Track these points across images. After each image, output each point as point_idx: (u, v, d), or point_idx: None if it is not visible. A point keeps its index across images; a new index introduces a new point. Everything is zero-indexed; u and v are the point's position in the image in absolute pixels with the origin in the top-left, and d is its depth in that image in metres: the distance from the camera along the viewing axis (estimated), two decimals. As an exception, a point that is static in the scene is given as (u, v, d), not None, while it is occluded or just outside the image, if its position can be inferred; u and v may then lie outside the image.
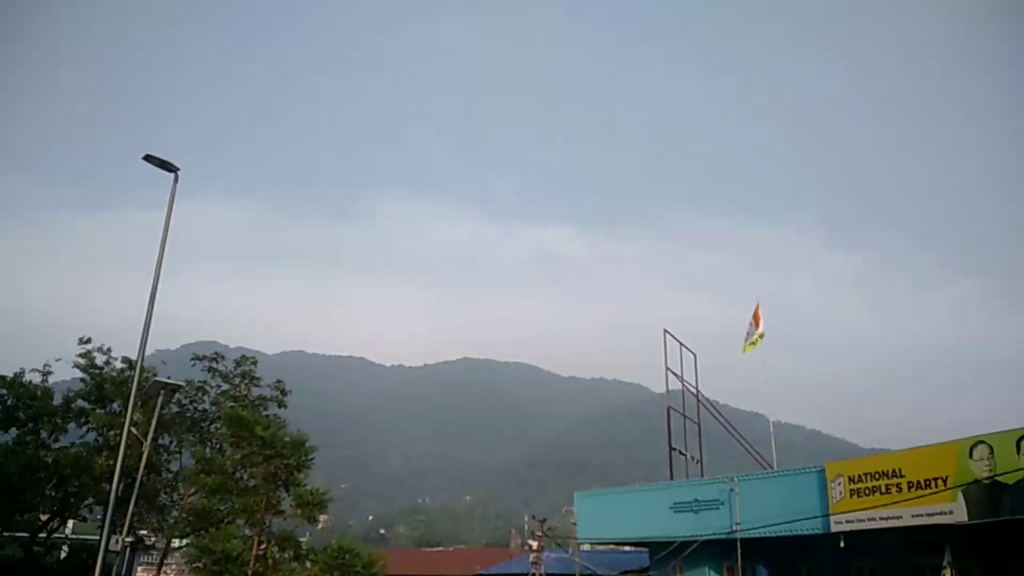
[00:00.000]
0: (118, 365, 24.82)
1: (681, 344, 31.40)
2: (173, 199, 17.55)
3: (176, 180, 17.63)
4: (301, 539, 19.75)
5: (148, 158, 17.09)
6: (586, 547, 31.53)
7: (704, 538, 23.95)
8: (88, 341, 24.67)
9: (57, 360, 24.31)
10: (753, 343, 30.37)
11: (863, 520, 20.10)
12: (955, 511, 18.26)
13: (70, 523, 29.82)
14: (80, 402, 23.28)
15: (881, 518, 19.70)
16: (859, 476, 20.45)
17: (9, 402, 22.10)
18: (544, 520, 30.02)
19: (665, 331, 31.13)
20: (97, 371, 24.09)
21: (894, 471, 19.74)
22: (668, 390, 30.36)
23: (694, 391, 31.19)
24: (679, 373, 30.62)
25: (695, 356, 32.19)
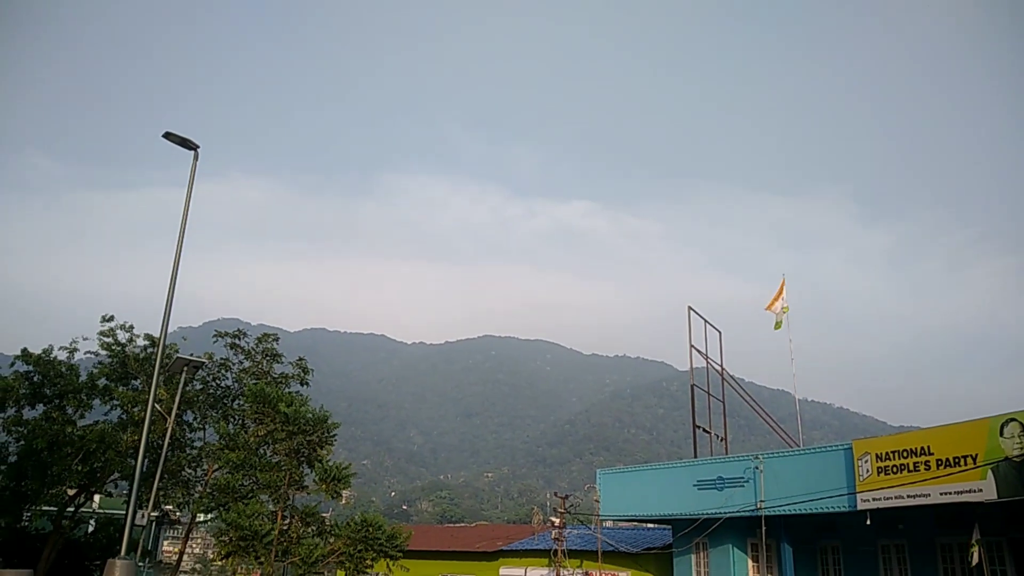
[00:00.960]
0: (141, 342, 25.01)
1: (706, 321, 31.09)
2: (193, 177, 17.49)
3: (196, 158, 17.55)
4: (324, 514, 19.89)
5: (168, 136, 17.00)
6: (608, 524, 31.52)
7: (728, 515, 23.81)
8: (111, 319, 24.86)
9: (85, 339, 24.55)
10: (779, 321, 30.01)
11: (890, 498, 19.83)
12: (984, 489, 17.95)
13: (96, 498, 30.29)
14: (104, 380, 23.51)
15: (909, 496, 19.42)
16: (887, 454, 20.15)
17: (36, 379, 22.35)
18: (566, 497, 29.98)
19: (690, 308, 30.84)
20: (120, 348, 24.29)
21: (923, 449, 19.43)
22: (692, 368, 30.11)
23: (719, 368, 30.92)
24: (704, 351, 30.35)
25: (720, 333, 31.89)
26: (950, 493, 18.62)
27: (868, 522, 20.46)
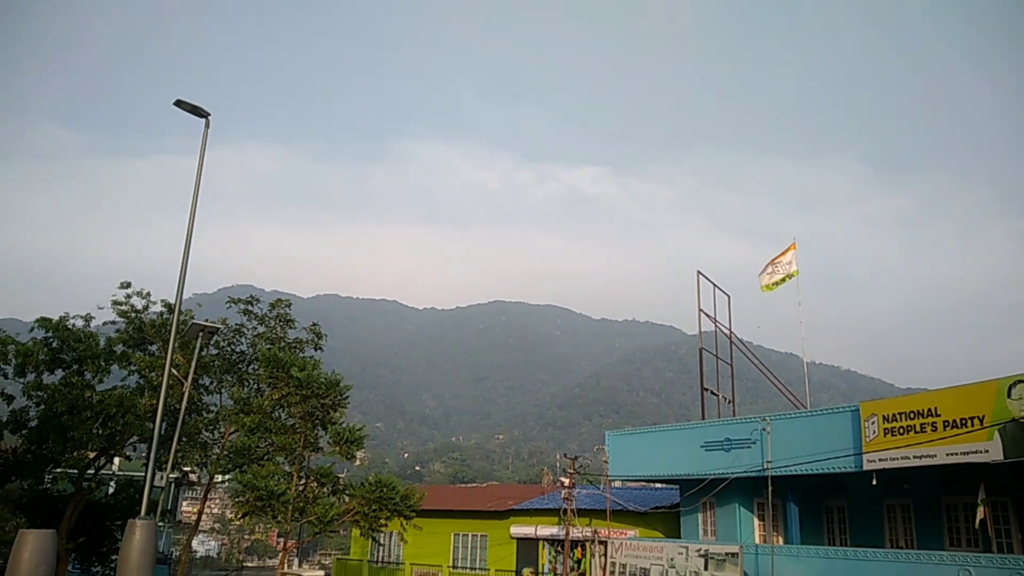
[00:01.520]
0: (156, 308, 25.34)
1: (715, 285, 31.17)
2: (205, 144, 17.55)
3: (207, 125, 17.60)
4: (339, 475, 20.31)
5: (179, 103, 17.05)
6: (617, 484, 31.97)
7: (735, 475, 24.14)
8: (128, 285, 25.17)
9: (100, 309, 24.89)
10: (778, 282, 29.96)
11: (896, 459, 20.05)
12: (991, 450, 18.12)
13: (116, 460, 30.90)
14: (121, 346, 23.88)
15: (915, 456, 19.62)
16: (894, 415, 20.32)
17: (55, 344, 22.70)
18: (576, 458, 30.39)
19: (699, 272, 30.89)
20: (136, 315, 24.64)
21: (930, 410, 19.59)
22: (701, 331, 30.26)
23: (727, 332, 31.07)
24: (712, 315, 30.47)
25: (729, 297, 31.98)
26: (956, 454, 18.80)
27: (874, 482, 20.72)
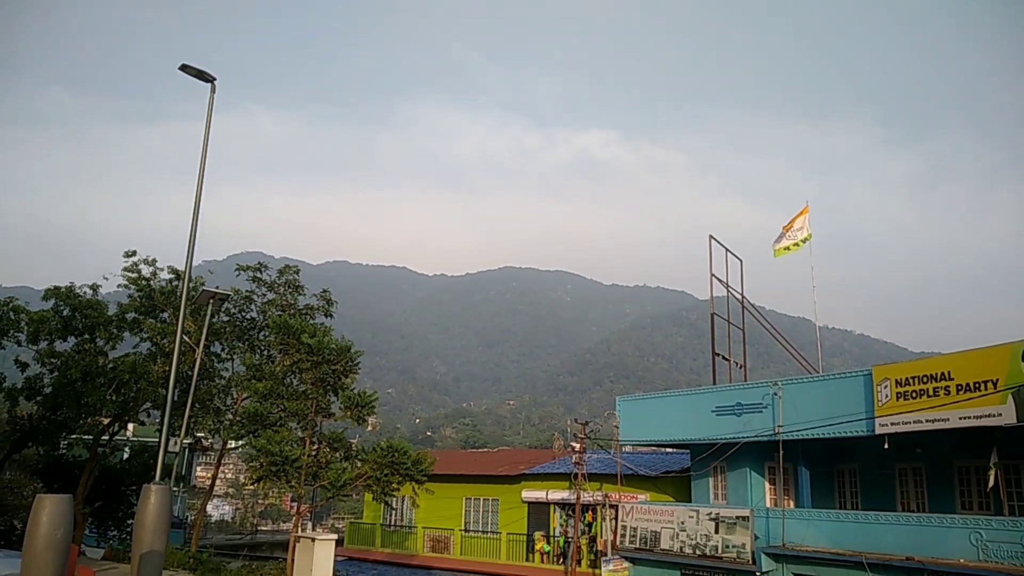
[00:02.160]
0: (165, 276, 25.39)
1: (727, 250, 30.91)
2: (211, 110, 17.41)
3: (213, 90, 17.45)
4: (351, 440, 20.43)
5: (184, 68, 16.88)
6: (628, 449, 32.11)
7: (746, 439, 24.16)
8: (134, 254, 25.20)
9: (106, 279, 24.94)
10: (789, 248, 29.68)
11: (909, 423, 19.99)
12: (1004, 413, 18.02)
13: (130, 426, 31.25)
14: (132, 313, 23.98)
15: (928, 420, 19.56)
16: (907, 379, 20.22)
17: (66, 312, 22.81)
18: (586, 423, 30.47)
19: (711, 237, 30.63)
20: (145, 282, 24.69)
21: (943, 374, 19.47)
22: (712, 296, 30.09)
23: (739, 297, 30.89)
24: (724, 279, 30.27)
25: (741, 262, 31.74)
26: (969, 417, 18.72)
27: (886, 446, 20.68)
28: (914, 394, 19.95)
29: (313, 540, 15.13)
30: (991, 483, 19.36)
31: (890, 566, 19.76)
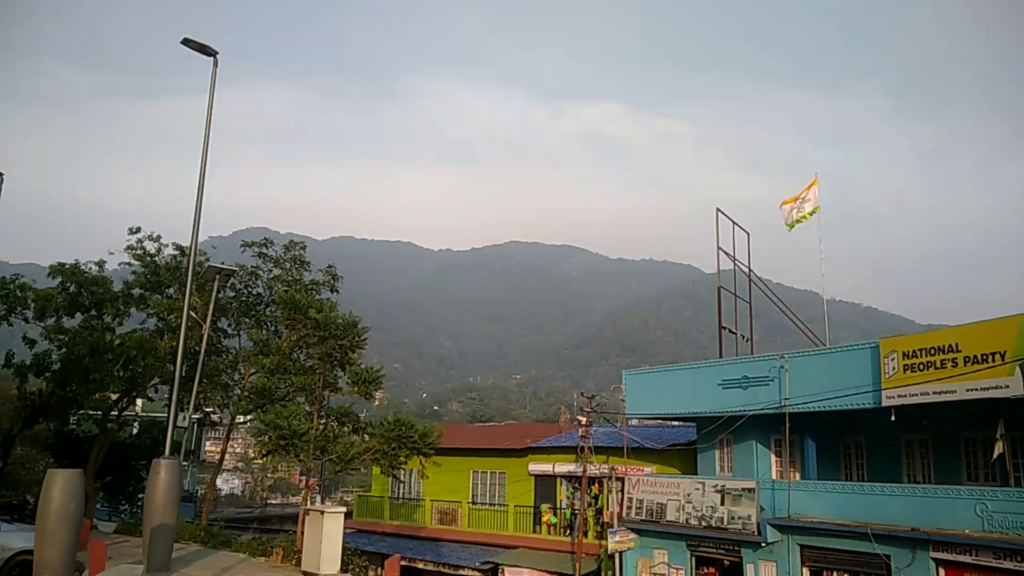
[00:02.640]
0: (169, 252, 25.40)
1: (734, 223, 30.74)
2: (214, 84, 17.30)
3: (216, 64, 17.34)
4: (359, 414, 20.52)
5: (187, 42, 16.75)
6: (634, 422, 32.21)
7: (753, 412, 24.19)
8: (138, 230, 25.20)
9: (111, 254, 24.96)
10: (800, 220, 29.50)
11: (916, 395, 19.98)
12: (1011, 385, 17.98)
13: (139, 401, 31.46)
14: (138, 289, 24.03)
15: (935, 392, 19.54)
16: (914, 352, 20.17)
17: (72, 289, 22.86)
18: (593, 397, 30.55)
19: (718, 210, 30.47)
20: (150, 258, 24.71)
21: (951, 346, 19.41)
22: (719, 270, 29.98)
23: (746, 270, 30.77)
24: (731, 252, 30.14)
25: (748, 235, 31.57)
26: (977, 389, 18.69)
27: (893, 418, 20.69)
28: (921, 366, 19.91)
29: (322, 513, 15.24)
30: (997, 454, 19.38)
31: (895, 537, 19.87)
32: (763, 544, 23.01)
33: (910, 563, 19.58)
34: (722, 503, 24.33)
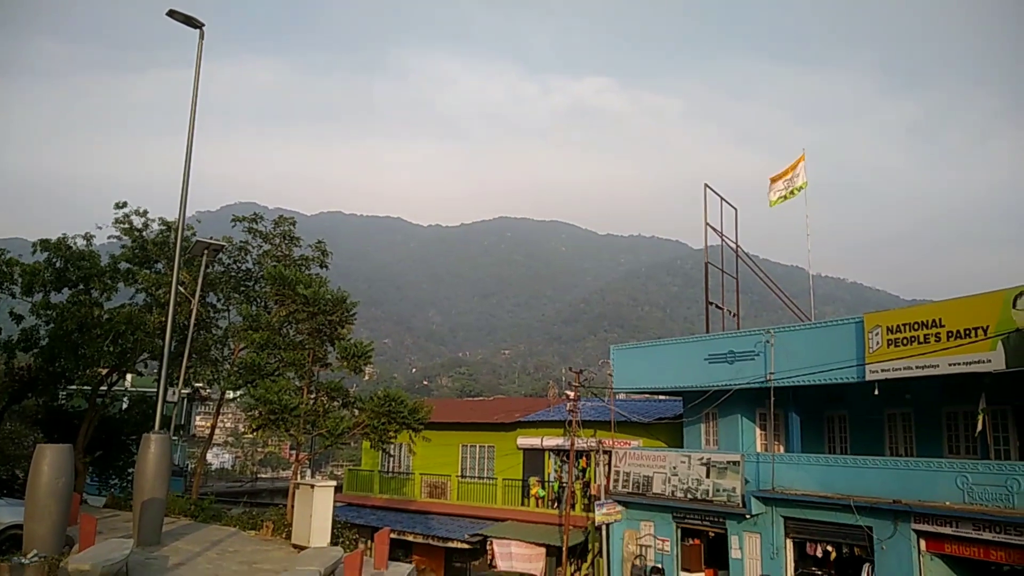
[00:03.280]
0: (156, 227, 25.26)
1: (722, 199, 30.82)
2: (200, 56, 17.18)
3: (202, 36, 17.22)
4: (349, 389, 20.62)
5: (172, 13, 16.62)
6: (621, 396, 32.47)
7: (738, 387, 24.45)
8: (124, 205, 25.03)
9: (99, 228, 24.80)
10: (785, 196, 29.58)
11: (899, 369, 20.24)
12: (993, 360, 18.25)
13: (128, 376, 31.41)
14: (125, 264, 23.92)
15: (917, 367, 19.80)
16: (898, 327, 20.41)
17: (58, 264, 22.72)
18: (581, 372, 30.76)
19: (706, 186, 30.53)
20: (137, 233, 24.58)
21: (934, 321, 19.64)
22: (707, 246, 30.12)
23: (734, 246, 30.91)
24: (719, 228, 30.25)
25: (736, 211, 31.67)
26: (959, 364, 18.95)
27: (876, 392, 20.97)
28: (905, 341, 20.15)
29: (312, 487, 15.38)
30: (979, 428, 19.69)
31: (877, 509, 20.22)
32: (747, 516, 23.37)
33: (892, 535, 19.96)
34: (707, 476, 24.65)
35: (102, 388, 24.52)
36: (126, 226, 24.77)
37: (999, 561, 18.28)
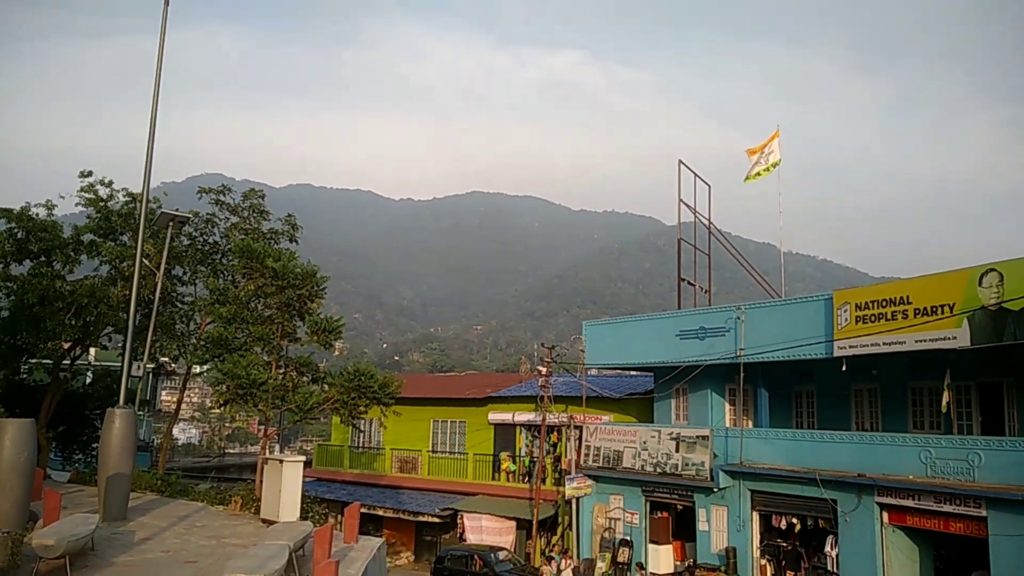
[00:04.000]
0: (122, 198, 24.66)
1: (695, 175, 30.84)
2: (165, 23, 16.74)
3: (167, 3, 16.79)
4: (319, 364, 20.42)
5: (134, -24, 16.07)
6: (593, 372, 32.62)
7: (708, 362, 24.63)
8: (90, 174, 24.37)
9: (62, 198, 24.14)
10: (760, 173, 29.68)
11: (867, 345, 20.50)
12: (959, 336, 18.54)
13: (92, 350, 30.82)
14: (89, 235, 23.35)
15: (885, 343, 20.07)
16: (866, 303, 20.63)
17: (20, 235, 22.10)
18: (553, 348, 30.81)
19: (680, 162, 30.52)
20: (102, 203, 23.98)
21: (902, 298, 19.88)
22: (680, 222, 30.18)
23: (706, 223, 31.01)
24: (692, 205, 30.30)
25: (709, 187, 31.72)
26: (925, 340, 19.24)
27: (844, 368, 21.24)
28: (873, 318, 20.39)
29: (281, 462, 15.23)
30: (945, 403, 20.04)
31: (843, 482, 20.56)
32: (715, 489, 23.66)
33: (855, 507, 20.32)
34: (677, 450, 24.89)
35: (65, 362, 24.03)
36: (91, 196, 24.11)
37: (958, 533, 18.71)
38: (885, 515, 20.03)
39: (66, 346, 23.77)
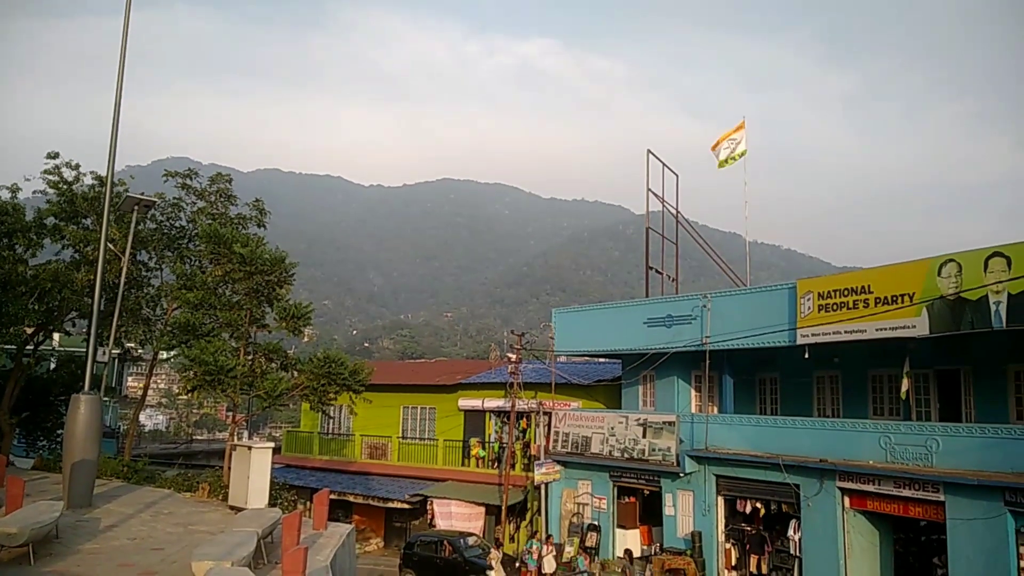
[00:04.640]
0: (88, 181, 24.25)
1: (664, 165, 31.09)
2: (130, 2, 16.42)
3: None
4: (288, 351, 20.33)
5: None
6: (562, 359, 32.86)
7: (675, 350, 24.97)
8: (56, 156, 23.91)
9: (27, 179, 23.66)
10: (731, 160, 29.97)
11: (829, 333, 20.92)
12: (918, 325, 19.00)
13: (56, 336, 30.34)
14: (52, 218, 22.93)
15: (846, 331, 20.50)
16: (829, 292, 21.04)
17: (-20, 218, 21.66)
18: (523, 335, 30.95)
19: (648, 151, 30.73)
20: (67, 187, 23.56)
21: (863, 288, 20.30)
22: (648, 211, 30.42)
23: (674, 212, 31.30)
24: (661, 194, 30.56)
25: (677, 177, 32.01)
26: (886, 329, 19.68)
27: (806, 356, 21.66)
28: (835, 306, 20.80)
29: (250, 448, 15.18)
30: (904, 390, 20.54)
31: (805, 467, 21.00)
32: (681, 475, 24.04)
33: (818, 492, 20.78)
34: (644, 436, 25.22)
35: (28, 347, 23.64)
36: (55, 179, 23.63)
37: (917, 517, 19.25)
38: (846, 499, 20.52)
39: (29, 331, 23.38)
